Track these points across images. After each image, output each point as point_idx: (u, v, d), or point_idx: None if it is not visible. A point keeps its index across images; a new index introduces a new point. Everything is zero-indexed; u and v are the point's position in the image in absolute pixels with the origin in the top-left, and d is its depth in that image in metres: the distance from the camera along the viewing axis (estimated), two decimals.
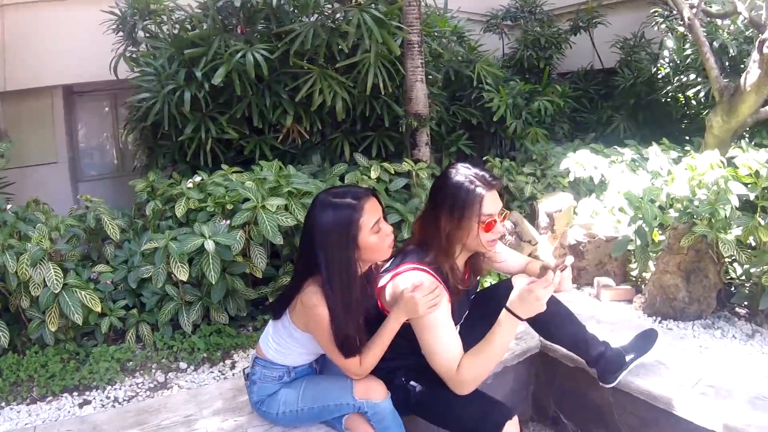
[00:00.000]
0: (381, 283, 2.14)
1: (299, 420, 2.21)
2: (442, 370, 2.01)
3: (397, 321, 2.02)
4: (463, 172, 2.07)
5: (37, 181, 5.75)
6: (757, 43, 4.14)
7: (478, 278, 2.38)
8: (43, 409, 2.72)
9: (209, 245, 2.97)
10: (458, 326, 2.27)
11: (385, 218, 2.07)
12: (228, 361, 3.11)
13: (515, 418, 2.05)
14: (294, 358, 2.21)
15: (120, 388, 2.88)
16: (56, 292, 2.89)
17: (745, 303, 3.44)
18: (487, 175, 2.07)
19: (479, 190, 2.02)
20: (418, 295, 1.94)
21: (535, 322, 2.49)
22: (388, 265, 2.21)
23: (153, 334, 3.19)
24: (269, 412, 2.21)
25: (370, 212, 1.97)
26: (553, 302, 2.43)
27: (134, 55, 4.97)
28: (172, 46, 4.44)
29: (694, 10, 4.64)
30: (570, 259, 2.06)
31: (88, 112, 6.73)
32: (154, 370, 3.01)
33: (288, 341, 2.16)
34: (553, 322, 2.49)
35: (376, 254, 2.05)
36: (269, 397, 2.21)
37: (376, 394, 2.10)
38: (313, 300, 1.97)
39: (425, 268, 2.06)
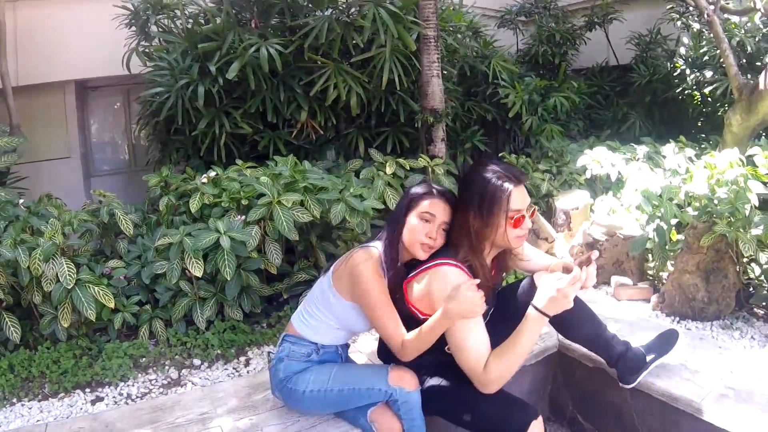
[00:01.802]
0: (410, 275, 2.12)
1: (325, 402, 2.18)
2: (470, 369, 1.99)
3: (445, 322, 1.94)
4: (490, 168, 2.06)
5: (50, 176, 5.76)
6: None
7: (503, 275, 2.35)
8: (54, 405, 2.70)
9: (224, 241, 2.94)
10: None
11: (445, 235, 2.14)
12: (242, 358, 3.09)
13: (540, 418, 2.03)
14: (323, 333, 2.21)
15: (133, 385, 2.86)
16: (69, 287, 2.87)
17: (764, 304, 3.38)
18: (514, 171, 2.07)
19: (507, 185, 2.01)
20: (477, 295, 1.91)
21: (556, 320, 2.43)
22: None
23: (166, 330, 3.17)
24: (295, 389, 2.17)
25: (433, 206, 2.11)
26: (574, 301, 2.41)
27: (147, 50, 4.95)
28: (185, 40, 4.42)
29: (713, 7, 4.58)
30: (595, 254, 2.04)
31: (101, 107, 6.74)
32: (167, 367, 2.99)
33: (321, 310, 2.19)
34: (574, 321, 2.44)
35: (409, 237, 2.10)
36: (296, 375, 2.18)
37: (408, 383, 2.11)
38: (358, 259, 2.09)
39: (458, 263, 2.04)
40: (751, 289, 3.48)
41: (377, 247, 2.14)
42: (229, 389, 2.60)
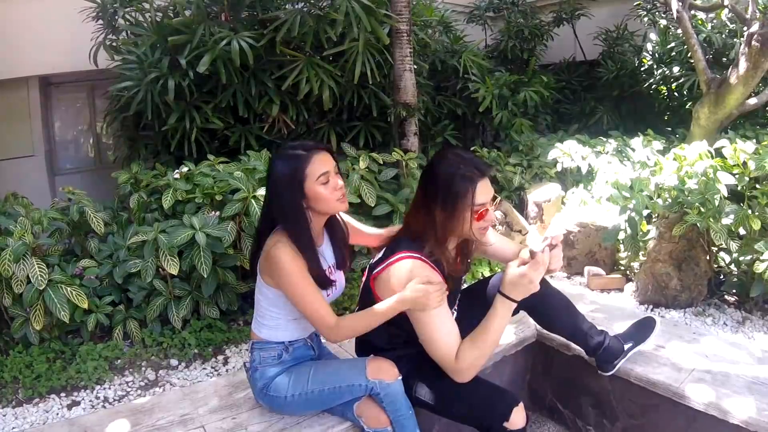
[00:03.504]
0: (374, 273, 2.10)
1: (308, 404, 2.16)
2: (441, 359, 1.99)
3: (398, 308, 1.98)
4: (453, 161, 2.01)
5: (14, 174, 5.61)
6: (745, 37, 4.18)
7: (468, 262, 2.35)
8: (30, 411, 2.62)
9: (200, 237, 2.89)
10: (453, 311, 2.25)
11: (341, 174, 2.12)
12: (220, 357, 3.04)
13: (521, 405, 2.05)
14: (282, 328, 2.17)
15: (109, 388, 2.79)
16: (41, 288, 2.77)
17: (734, 291, 3.47)
18: (478, 163, 2.02)
19: (472, 179, 1.98)
20: (430, 289, 1.92)
21: (534, 312, 2.48)
22: (380, 255, 2.16)
23: (141, 331, 3.09)
24: (277, 396, 2.15)
25: (319, 163, 2.03)
26: (552, 292, 2.44)
27: (114, 44, 4.83)
28: (155, 33, 4.33)
29: (681, 3, 4.67)
30: (559, 236, 2.04)
31: (65, 103, 6.57)
32: (144, 368, 2.92)
33: (267, 309, 2.15)
34: (553, 311, 2.48)
35: (326, 205, 2.05)
36: (275, 381, 2.16)
37: (388, 374, 2.08)
38: (271, 243, 2.02)
39: (422, 257, 2.02)
40: (721, 276, 3.58)
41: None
42: (209, 389, 2.55)
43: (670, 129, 5.86)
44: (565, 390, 2.94)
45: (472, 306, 2.32)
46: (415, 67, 4.88)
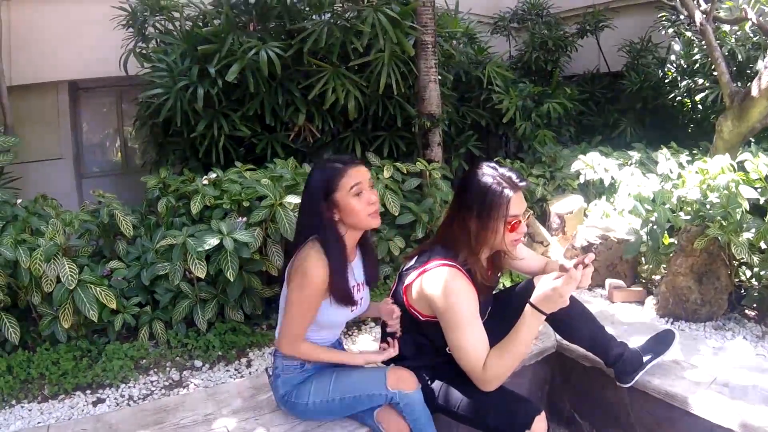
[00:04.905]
0: (408, 281, 2.14)
1: (329, 411, 2.20)
2: (469, 367, 2.02)
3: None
4: (489, 173, 2.08)
5: (42, 176, 5.73)
6: None
7: (498, 274, 2.40)
8: (55, 407, 2.68)
9: (228, 243, 2.95)
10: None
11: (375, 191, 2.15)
12: (244, 360, 3.09)
13: (543, 414, 2.07)
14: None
15: (134, 387, 2.85)
16: (71, 288, 2.83)
17: (755, 305, 3.45)
18: (514, 176, 2.08)
19: (507, 192, 2.03)
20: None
21: (556, 322, 2.50)
22: (411, 263, 2.21)
23: (166, 332, 3.16)
24: (298, 402, 2.19)
25: (353, 176, 2.06)
26: (574, 303, 2.45)
27: (144, 52, 4.95)
28: (184, 42, 4.43)
29: (705, 16, 4.66)
30: (591, 257, 2.07)
31: (93, 108, 6.71)
32: (168, 368, 2.99)
33: None
34: (574, 322, 2.50)
35: (356, 218, 2.07)
36: (296, 388, 2.20)
37: (407, 384, 2.11)
38: (303, 253, 2.05)
39: (456, 265, 2.07)
40: (742, 291, 3.55)
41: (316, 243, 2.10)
42: (232, 390, 2.62)
43: (693, 141, 5.83)
44: (584, 401, 2.95)
45: (495, 314, 2.36)
46: (440, 78, 4.93)
